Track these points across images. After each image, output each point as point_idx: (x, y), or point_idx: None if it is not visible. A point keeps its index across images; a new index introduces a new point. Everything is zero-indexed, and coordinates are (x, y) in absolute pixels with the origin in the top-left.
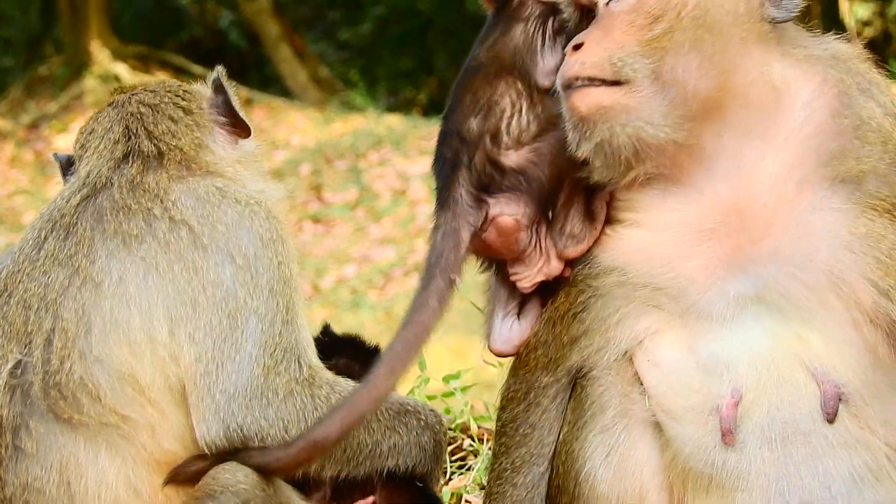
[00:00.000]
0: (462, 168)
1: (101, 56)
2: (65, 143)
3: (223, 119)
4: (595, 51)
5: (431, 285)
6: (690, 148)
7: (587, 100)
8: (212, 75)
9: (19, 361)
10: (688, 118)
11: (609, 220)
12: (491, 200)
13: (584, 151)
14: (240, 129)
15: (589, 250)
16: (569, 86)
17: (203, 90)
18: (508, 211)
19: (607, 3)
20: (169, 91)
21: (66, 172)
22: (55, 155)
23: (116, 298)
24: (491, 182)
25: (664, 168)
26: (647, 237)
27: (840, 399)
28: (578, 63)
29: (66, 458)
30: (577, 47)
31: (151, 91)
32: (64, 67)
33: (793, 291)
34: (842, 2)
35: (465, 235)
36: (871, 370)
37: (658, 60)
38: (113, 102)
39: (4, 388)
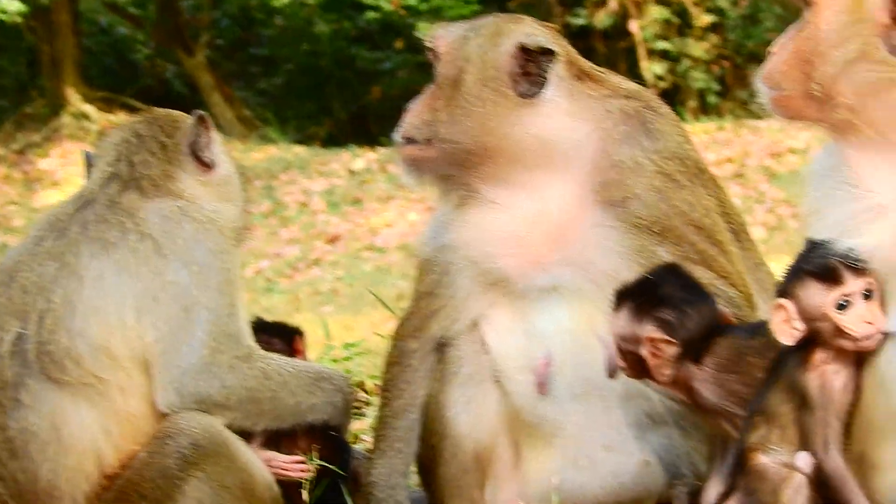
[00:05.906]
0: None
1: (74, 99)
2: (46, 164)
3: (194, 151)
4: (411, 118)
5: None
6: (485, 178)
7: (403, 153)
8: (192, 117)
9: (20, 334)
10: (469, 163)
11: (450, 217)
12: None
13: (410, 182)
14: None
15: (429, 233)
16: (399, 140)
17: (189, 126)
18: None
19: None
20: (160, 125)
21: (88, 170)
22: (87, 153)
23: (95, 290)
24: None
25: (476, 192)
26: (475, 232)
27: None
28: (403, 125)
29: (55, 409)
30: (407, 111)
31: (147, 122)
32: (45, 107)
33: (582, 286)
34: (641, 61)
35: None
36: None
37: (439, 126)
38: (121, 126)
39: (8, 353)
